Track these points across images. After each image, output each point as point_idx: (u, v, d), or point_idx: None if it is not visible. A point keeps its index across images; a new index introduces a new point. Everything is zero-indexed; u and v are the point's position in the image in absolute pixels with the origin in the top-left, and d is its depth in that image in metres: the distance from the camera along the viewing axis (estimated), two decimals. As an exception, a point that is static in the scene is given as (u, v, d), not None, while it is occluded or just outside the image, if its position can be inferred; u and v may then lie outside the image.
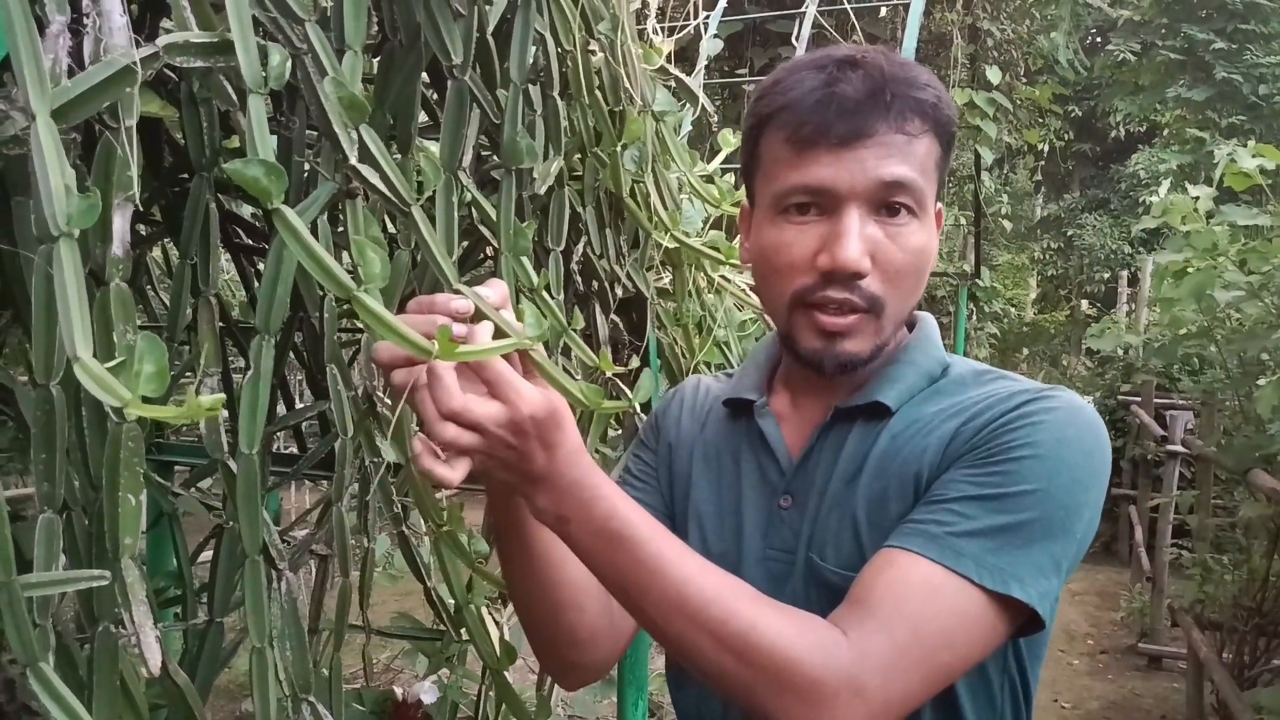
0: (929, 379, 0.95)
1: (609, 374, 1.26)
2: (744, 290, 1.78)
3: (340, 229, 0.88)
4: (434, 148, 1.02)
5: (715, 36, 2.73)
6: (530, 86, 1.08)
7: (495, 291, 0.81)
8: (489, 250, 1.38)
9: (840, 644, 0.77)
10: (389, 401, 1.02)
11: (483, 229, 1.20)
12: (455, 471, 0.76)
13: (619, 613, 1.00)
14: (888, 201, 0.88)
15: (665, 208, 1.44)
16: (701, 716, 1.01)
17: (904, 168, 0.87)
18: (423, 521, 1.12)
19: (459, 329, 0.74)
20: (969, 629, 0.80)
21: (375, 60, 1.11)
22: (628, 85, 1.28)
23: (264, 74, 0.70)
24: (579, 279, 1.38)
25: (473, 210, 1.10)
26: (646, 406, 1.52)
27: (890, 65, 0.89)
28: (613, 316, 1.45)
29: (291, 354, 1.48)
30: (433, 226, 0.96)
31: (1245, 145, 3.52)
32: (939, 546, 0.80)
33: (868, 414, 0.94)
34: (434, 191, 0.95)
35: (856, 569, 0.87)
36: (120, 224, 0.68)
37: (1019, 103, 9.18)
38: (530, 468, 0.78)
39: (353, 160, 0.77)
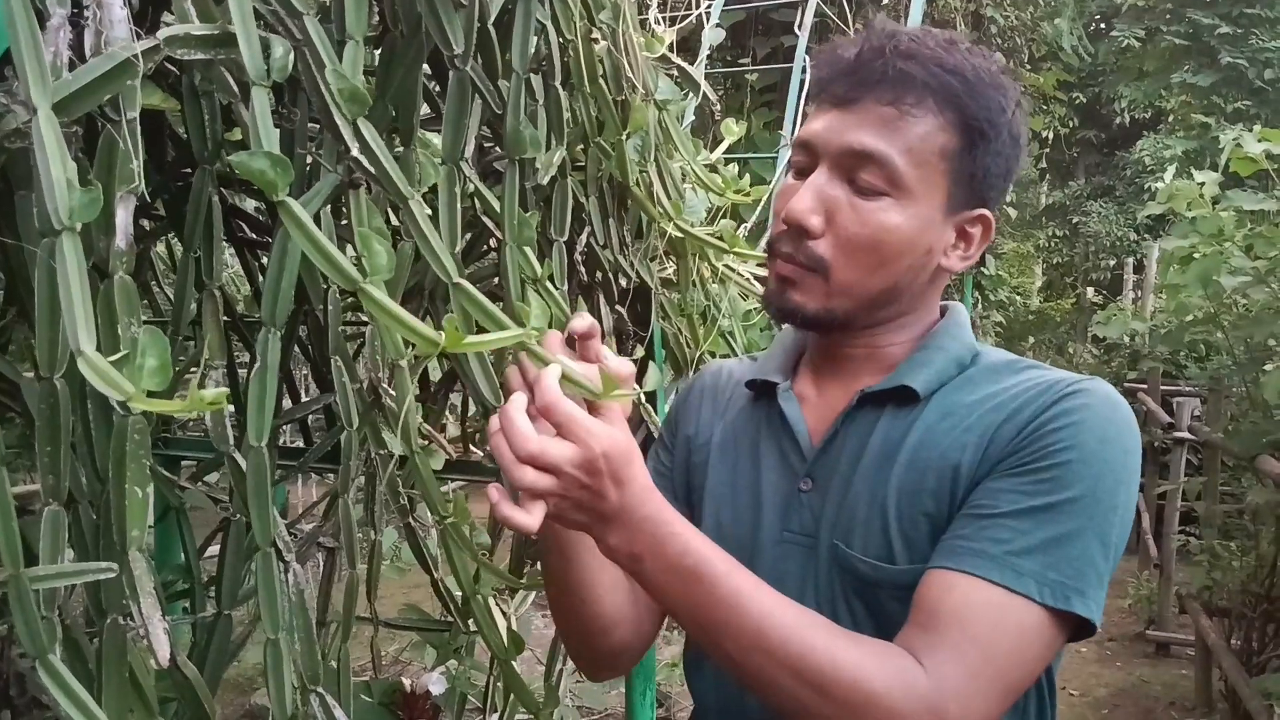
0: (959, 365, 0.94)
1: (614, 364, 1.26)
2: (748, 279, 1.77)
3: (343, 221, 0.87)
4: (436, 139, 1.02)
5: (717, 25, 2.72)
6: (532, 76, 1.07)
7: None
8: (493, 241, 1.38)
9: (917, 673, 0.77)
10: (393, 392, 1.02)
11: (486, 220, 1.19)
12: (533, 516, 0.75)
13: (647, 625, 1.02)
14: (855, 172, 0.88)
15: (669, 197, 1.44)
16: (720, 702, 1.01)
17: (880, 142, 0.86)
18: (429, 513, 1.12)
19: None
20: (1035, 645, 0.81)
21: (376, 51, 1.11)
22: (630, 74, 1.27)
23: (266, 66, 0.70)
24: (583, 269, 1.38)
25: (475, 201, 1.10)
26: (652, 396, 1.52)
27: (916, 42, 0.88)
28: (617, 307, 1.45)
29: (296, 347, 1.48)
30: (431, 220, 0.96)
31: (1251, 130, 3.50)
32: (999, 567, 0.80)
33: (897, 400, 0.93)
34: (436, 183, 0.95)
35: (883, 558, 0.88)
36: (123, 217, 0.68)
37: (1023, 90, 9.13)
38: (603, 506, 0.78)
39: (355, 152, 0.77)
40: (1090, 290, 14.34)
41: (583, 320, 0.83)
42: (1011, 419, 0.86)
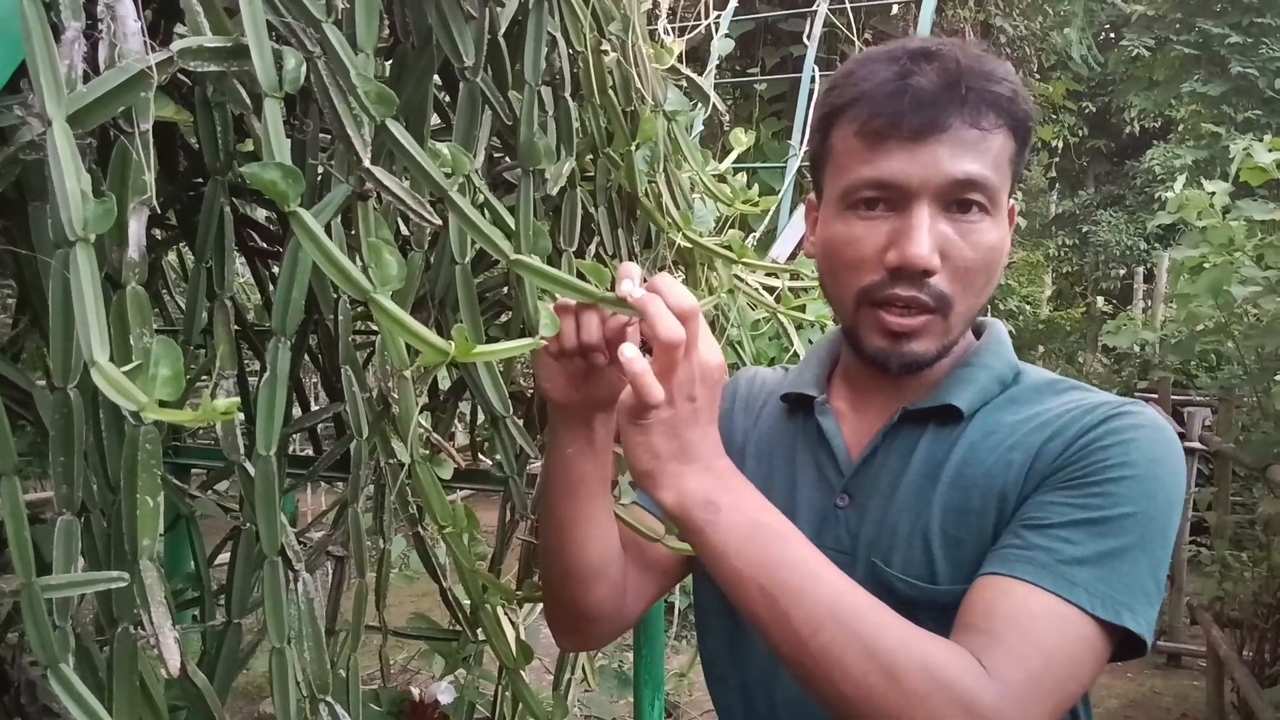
0: (1001, 384, 0.93)
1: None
2: (757, 289, 1.78)
3: (353, 232, 0.88)
4: (446, 150, 1.02)
5: (726, 36, 2.73)
6: (542, 87, 1.08)
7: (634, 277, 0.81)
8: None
9: (983, 673, 0.74)
10: (396, 395, 1.02)
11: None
12: (660, 390, 0.76)
13: (629, 603, 1.02)
14: (959, 198, 0.86)
15: (677, 207, 1.44)
16: (747, 715, 1.00)
17: (977, 165, 0.86)
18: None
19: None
20: (1089, 658, 0.78)
21: (387, 64, 1.11)
22: (639, 85, 1.28)
23: (279, 78, 0.71)
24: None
25: (485, 212, 1.10)
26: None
27: (966, 57, 0.87)
28: (626, 317, 1.44)
29: (306, 357, 1.49)
30: (443, 231, 0.96)
31: (1261, 140, 3.50)
32: (1052, 576, 0.78)
33: (940, 418, 0.92)
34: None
35: (924, 578, 0.87)
36: (136, 228, 0.68)
37: (1033, 99, 9.13)
38: (692, 436, 0.77)
39: (366, 162, 0.77)
40: (1100, 299, 14.32)
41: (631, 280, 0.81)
42: (1057, 436, 0.85)
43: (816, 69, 4.54)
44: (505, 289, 1.36)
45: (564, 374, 0.89)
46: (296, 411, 1.55)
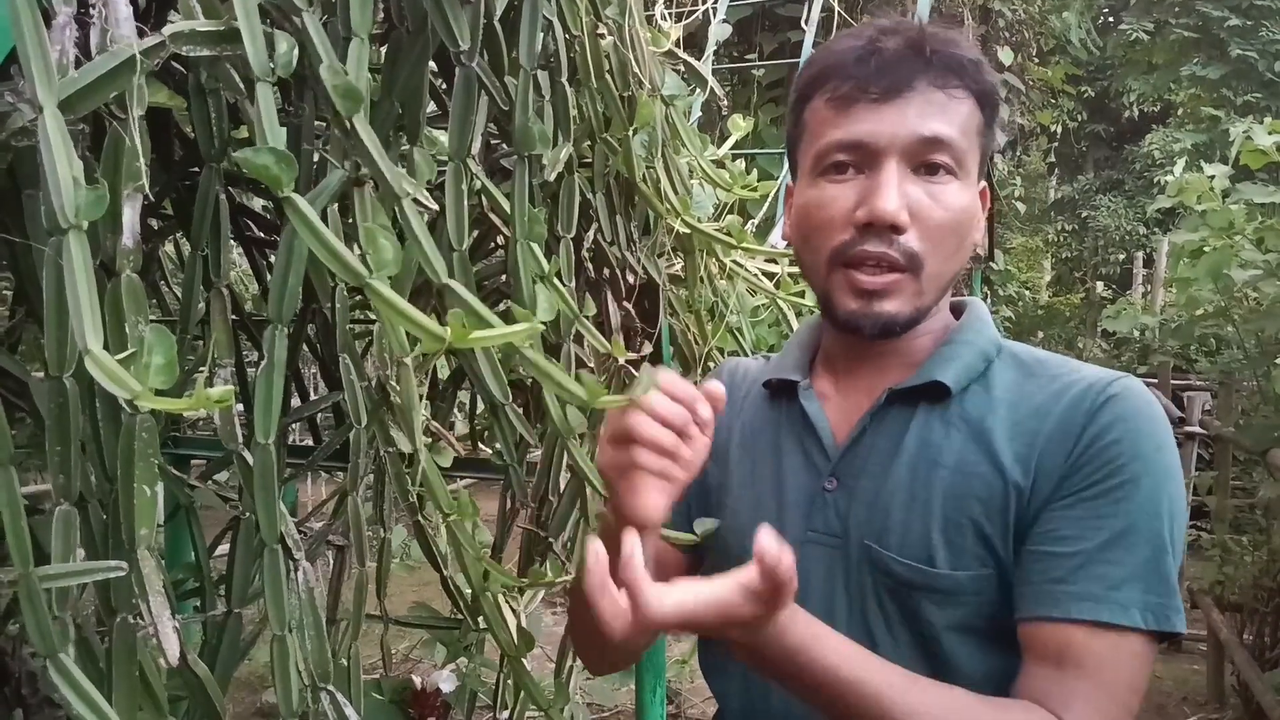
0: (985, 359, 0.93)
1: (622, 360, 1.26)
2: (756, 275, 1.77)
3: (350, 219, 0.87)
4: (443, 136, 1.01)
5: (724, 21, 2.71)
6: (539, 72, 1.07)
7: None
8: (500, 239, 1.38)
9: None
10: (398, 387, 1.02)
11: (493, 217, 1.19)
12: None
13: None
14: (927, 158, 0.87)
15: (676, 193, 1.43)
16: (745, 704, 1.00)
17: (944, 125, 0.87)
18: (437, 511, 1.12)
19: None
20: (1146, 671, 0.83)
21: (383, 49, 1.11)
22: (636, 70, 1.27)
23: (271, 62, 0.70)
24: (590, 266, 1.37)
25: (482, 198, 1.10)
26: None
27: (930, 28, 0.90)
28: (625, 303, 1.44)
29: (305, 347, 1.48)
30: (439, 217, 0.96)
31: (1261, 122, 3.49)
32: (1109, 607, 0.81)
33: (928, 397, 0.92)
34: (442, 180, 0.95)
35: (923, 560, 0.87)
36: (130, 215, 0.68)
37: (1031, 84, 9.13)
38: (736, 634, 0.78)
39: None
40: (1100, 285, 14.30)
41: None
42: (1061, 428, 0.86)
43: (814, 55, 4.51)
44: (503, 276, 1.36)
45: (658, 486, 0.84)
46: (296, 402, 1.54)
